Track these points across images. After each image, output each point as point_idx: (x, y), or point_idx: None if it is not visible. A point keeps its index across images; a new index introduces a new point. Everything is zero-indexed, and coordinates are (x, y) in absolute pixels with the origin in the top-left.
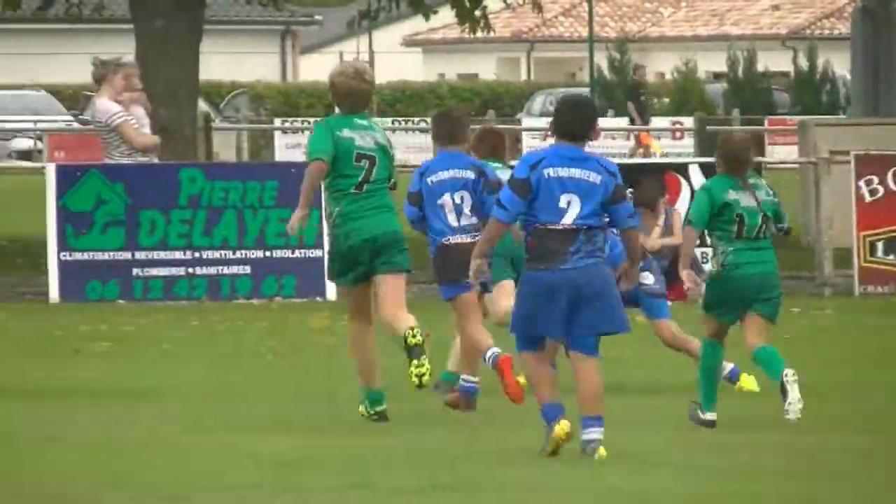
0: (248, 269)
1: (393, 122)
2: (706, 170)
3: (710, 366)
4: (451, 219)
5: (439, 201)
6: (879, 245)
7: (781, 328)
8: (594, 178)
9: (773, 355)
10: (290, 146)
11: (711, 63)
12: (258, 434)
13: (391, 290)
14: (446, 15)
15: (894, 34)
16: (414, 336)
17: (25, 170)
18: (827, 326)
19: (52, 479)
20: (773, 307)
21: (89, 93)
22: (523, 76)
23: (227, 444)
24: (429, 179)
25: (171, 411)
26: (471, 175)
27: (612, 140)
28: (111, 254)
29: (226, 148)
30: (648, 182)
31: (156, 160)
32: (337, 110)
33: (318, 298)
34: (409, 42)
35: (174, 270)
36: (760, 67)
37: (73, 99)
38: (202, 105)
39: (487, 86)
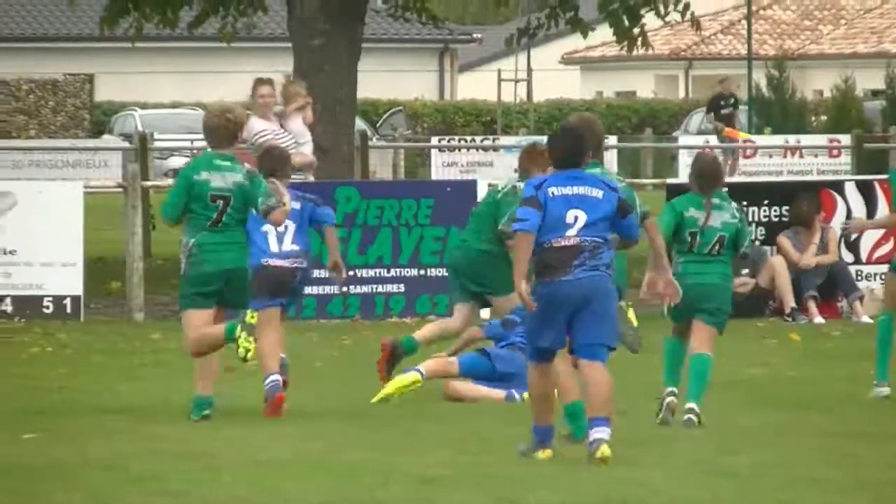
0: (402, 288)
1: None
2: (862, 188)
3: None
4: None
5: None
6: None
7: None
8: (597, 193)
9: (701, 372)
10: (446, 164)
11: (870, 81)
12: (402, 452)
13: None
14: (605, 33)
15: None
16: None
17: None
18: None
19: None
20: (716, 318)
21: (249, 111)
22: (681, 94)
23: (370, 459)
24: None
25: (315, 430)
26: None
27: (769, 158)
28: None
29: (383, 166)
30: (804, 200)
31: (311, 178)
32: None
33: None
34: (568, 60)
35: (328, 289)
36: None
37: None
38: (359, 123)
39: (645, 104)
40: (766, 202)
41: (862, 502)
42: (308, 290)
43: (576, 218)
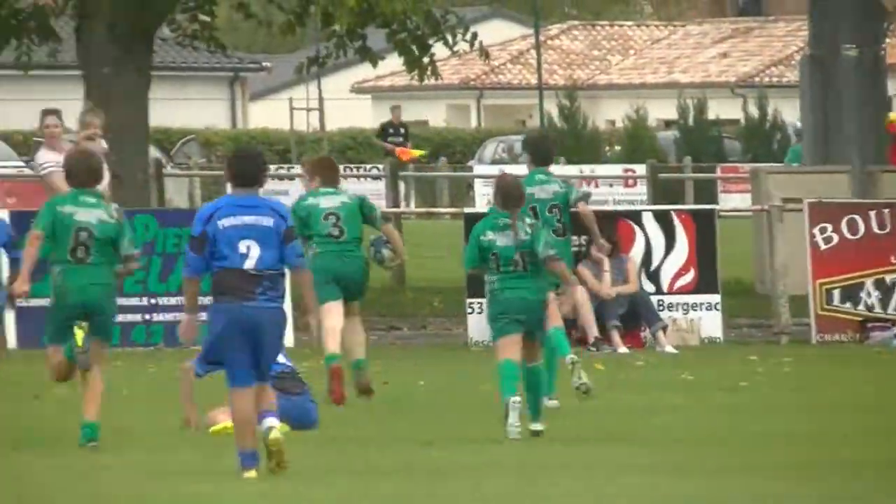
0: (204, 316)
1: (344, 169)
2: (659, 217)
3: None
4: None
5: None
6: (836, 293)
7: (740, 376)
8: (267, 222)
9: (510, 374)
10: None
11: (662, 111)
12: (225, 479)
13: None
14: (395, 62)
15: (842, 82)
16: None
17: None
18: (791, 380)
19: None
20: (538, 326)
21: (39, 139)
22: (473, 123)
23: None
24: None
25: (133, 458)
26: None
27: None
28: None
29: (179, 194)
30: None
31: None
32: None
33: None
34: (358, 89)
35: (130, 317)
36: (711, 115)
37: (25, 145)
38: (153, 152)
39: (438, 133)
40: None
41: None
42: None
43: (248, 248)
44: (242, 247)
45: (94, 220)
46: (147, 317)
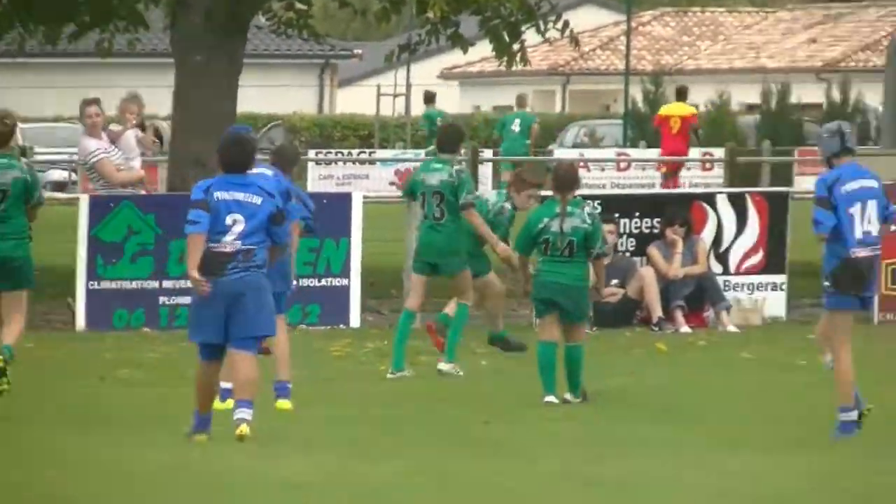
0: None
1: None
2: (733, 200)
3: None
4: None
5: None
6: None
7: (799, 354)
8: (256, 200)
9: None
10: (322, 177)
11: (746, 95)
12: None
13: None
14: (484, 48)
15: None
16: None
17: (60, 201)
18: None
19: None
20: (576, 310)
21: (116, 126)
22: (558, 108)
23: (244, 466)
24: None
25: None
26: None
27: (642, 171)
28: (139, 283)
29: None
30: (672, 210)
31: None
32: None
33: (341, 326)
34: (447, 75)
35: None
36: (794, 99)
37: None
38: None
39: None
40: (637, 214)
41: None
42: (180, 300)
43: (234, 221)
44: (229, 220)
45: (9, 179)
46: None
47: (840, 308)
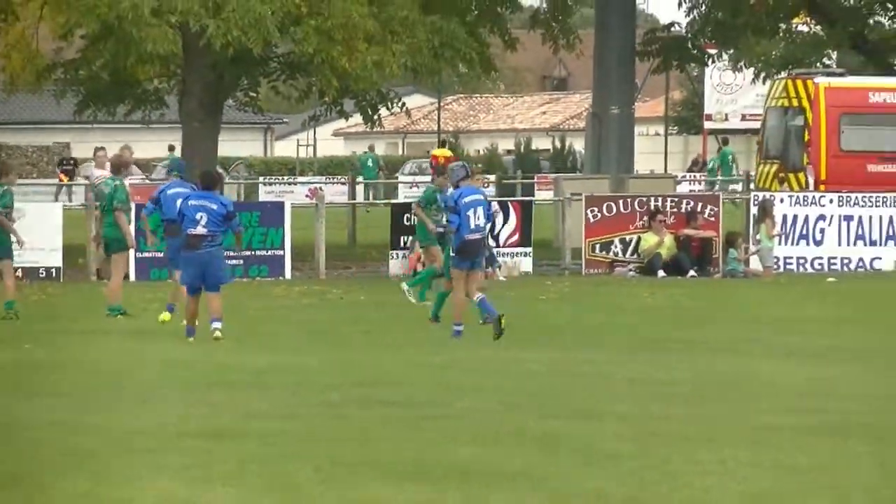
0: (241, 262)
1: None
2: (501, 204)
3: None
4: None
5: None
6: (597, 246)
7: (542, 292)
8: (214, 206)
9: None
10: (267, 193)
11: (507, 144)
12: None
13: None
14: (357, 118)
15: (606, 129)
16: None
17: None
18: (566, 293)
19: None
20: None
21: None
22: (400, 152)
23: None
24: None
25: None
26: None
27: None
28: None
29: (231, 195)
30: None
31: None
32: None
33: (280, 278)
34: (337, 133)
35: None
36: (534, 147)
37: (146, 167)
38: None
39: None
40: None
41: None
42: None
43: (201, 216)
44: (198, 216)
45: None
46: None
47: (458, 267)
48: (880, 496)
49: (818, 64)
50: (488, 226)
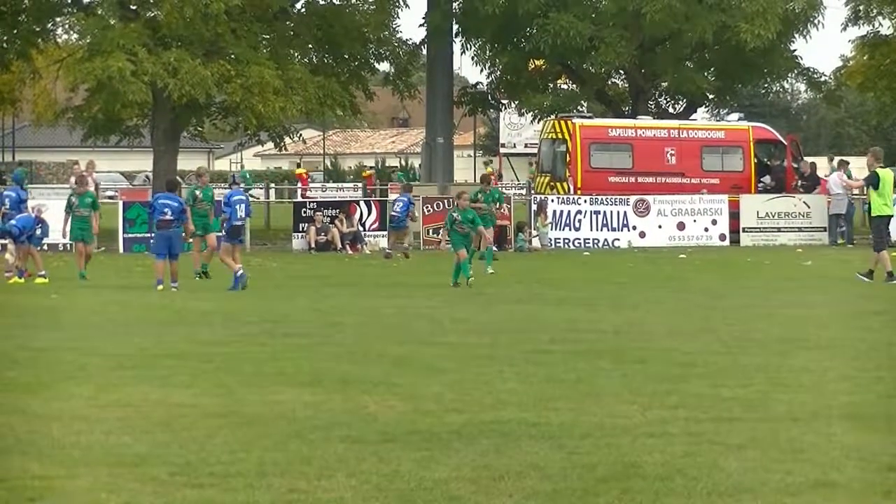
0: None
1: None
2: (367, 204)
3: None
4: None
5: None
6: (430, 230)
7: (395, 261)
8: (174, 203)
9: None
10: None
11: (370, 163)
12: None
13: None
14: (270, 144)
15: (435, 153)
16: None
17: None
18: (413, 262)
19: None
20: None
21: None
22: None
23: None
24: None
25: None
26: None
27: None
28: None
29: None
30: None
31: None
32: None
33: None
34: (258, 154)
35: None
36: (389, 164)
37: (129, 177)
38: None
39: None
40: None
41: None
42: None
43: (167, 210)
44: (166, 210)
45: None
46: None
47: (231, 241)
48: (623, 398)
49: (574, 110)
50: (247, 218)
